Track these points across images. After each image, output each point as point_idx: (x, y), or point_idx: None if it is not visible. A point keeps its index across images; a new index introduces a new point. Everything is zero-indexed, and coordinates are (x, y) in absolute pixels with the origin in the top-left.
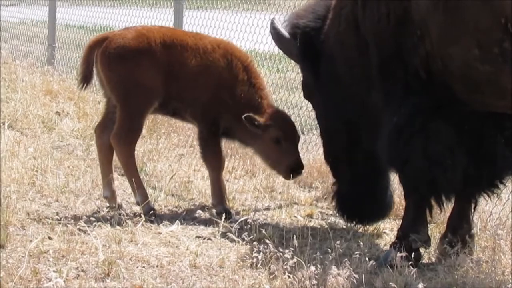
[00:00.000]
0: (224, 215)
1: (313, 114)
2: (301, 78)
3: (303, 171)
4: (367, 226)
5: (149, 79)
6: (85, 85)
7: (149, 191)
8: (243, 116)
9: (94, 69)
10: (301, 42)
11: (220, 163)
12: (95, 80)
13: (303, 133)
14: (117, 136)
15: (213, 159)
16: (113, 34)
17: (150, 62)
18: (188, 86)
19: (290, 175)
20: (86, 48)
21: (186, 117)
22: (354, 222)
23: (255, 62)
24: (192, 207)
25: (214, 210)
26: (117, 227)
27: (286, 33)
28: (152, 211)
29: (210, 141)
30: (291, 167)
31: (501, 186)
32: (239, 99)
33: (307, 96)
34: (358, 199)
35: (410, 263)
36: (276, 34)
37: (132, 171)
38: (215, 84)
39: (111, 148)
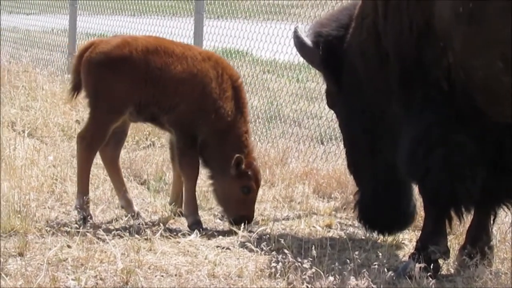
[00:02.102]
0: (196, 227)
1: (332, 124)
2: (322, 88)
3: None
4: (388, 236)
5: (123, 89)
6: (76, 93)
7: (168, 199)
8: (235, 155)
9: None
10: (323, 51)
11: (195, 174)
12: None
13: (322, 143)
14: (81, 139)
15: (188, 169)
16: (99, 40)
17: (127, 71)
18: (169, 92)
19: (237, 223)
20: (76, 56)
21: (164, 124)
22: (375, 232)
23: (244, 85)
24: (210, 216)
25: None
26: (136, 236)
27: (308, 42)
28: (83, 219)
29: (187, 151)
30: (242, 218)
31: None
32: (223, 117)
33: (330, 104)
34: (380, 209)
35: (428, 274)
36: (298, 42)
37: (82, 174)
38: (199, 93)
39: (116, 159)
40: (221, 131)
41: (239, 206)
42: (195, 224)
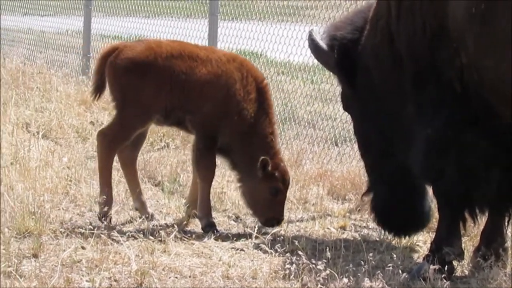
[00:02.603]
0: (209, 228)
1: (347, 125)
2: (336, 90)
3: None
4: (406, 238)
5: (150, 96)
6: (98, 95)
7: (183, 201)
8: (261, 158)
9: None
10: (338, 54)
11: (212, 176)
12: None
13: (337, 144)
14: (103, 136)
15: (205, 170)
16: (124, 45)
17: (154, 78)
18: (194, 96)
19: (267, 225)
20: (99, 59)
21: (188, 126)
22: (392, 234)
23: (270, 88)
24: (225, 218)
25: (249, 221)
26: (150, 237)
27: (323, 45)
28: (105, 217)
29: (206, 152)
30: (272, 220)
31: None
32: (247, 119)
33: (345, 107)
34: (396, 210)
35: (443, 276)
36: (313, 45)
37: (104, 172)
38: (223, 95)
39: (134, 161)
40: (245, 133)
41: (268, 208)
42: (209, 226)
